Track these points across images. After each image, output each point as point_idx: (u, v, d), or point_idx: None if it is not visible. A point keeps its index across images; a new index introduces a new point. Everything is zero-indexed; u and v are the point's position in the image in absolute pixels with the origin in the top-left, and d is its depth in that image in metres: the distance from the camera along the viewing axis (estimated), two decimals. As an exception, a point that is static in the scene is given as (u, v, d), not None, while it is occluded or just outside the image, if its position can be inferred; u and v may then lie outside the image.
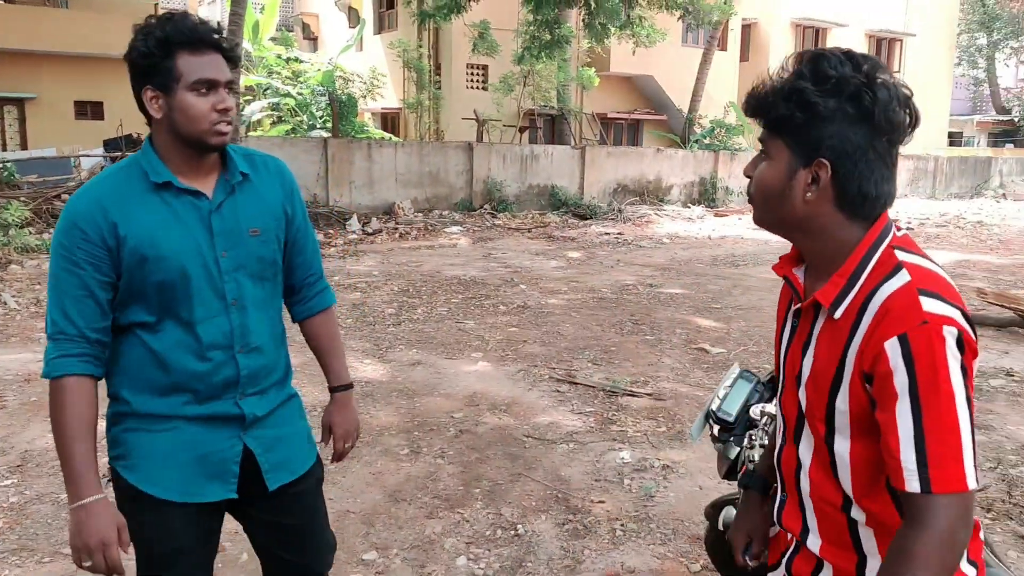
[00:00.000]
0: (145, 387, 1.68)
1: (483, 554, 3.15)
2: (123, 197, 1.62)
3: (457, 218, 15.75)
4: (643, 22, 17.46)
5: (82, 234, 1.58)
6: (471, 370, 5.71)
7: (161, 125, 1.63)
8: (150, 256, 1.61)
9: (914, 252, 1.23)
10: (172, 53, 1.57)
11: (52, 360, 1.59)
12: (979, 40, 39.67)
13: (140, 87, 1.62)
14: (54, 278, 1.61)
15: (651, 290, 8.94)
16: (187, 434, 1.69)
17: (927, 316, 1.12)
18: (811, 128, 1.19)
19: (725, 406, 2.01)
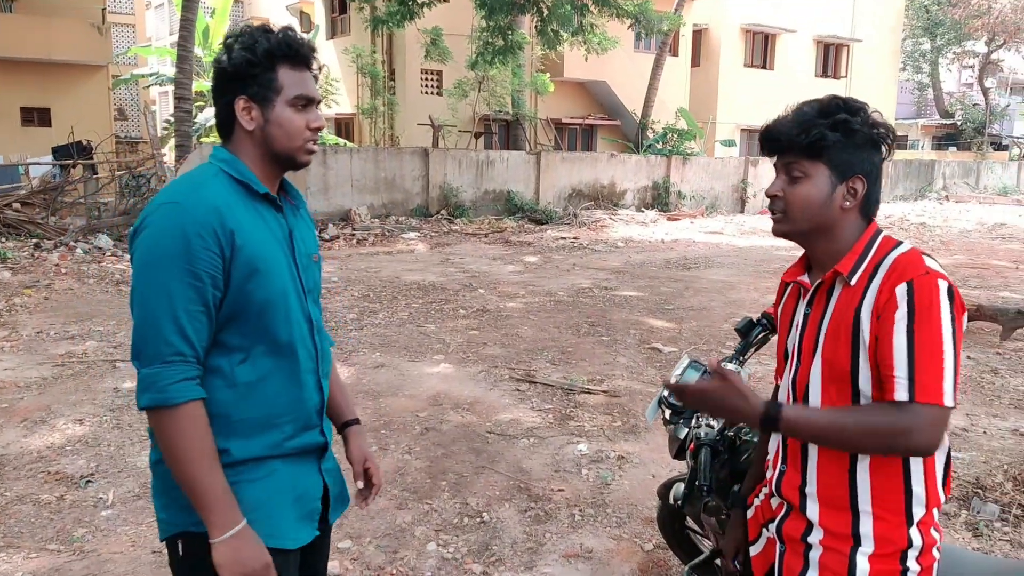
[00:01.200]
0: (240, 428, 1.53)
1: (451, 540, 3.36)
2: (232, 204, 1.52)
3: (414, 224, 15.90)
4: (595, 29, 17.84)
5: (202, 241, 1.45)
6: (434, 371, 5.91)
7: (250, 137, 1.57)
8: (260, 270, 1.52)
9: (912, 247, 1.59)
10: (275, 65, 1.54)
11: (172, 385, 1.42)
12: (923, 45, 41.08)
13: (232, 95, 1.55)
14: (165, 292, 1.43)
15: (606, 293, 9.24)
16: (284, 476, 1.59)
17: (928, 269, 1.46)
18: (848, 152, 1.54)
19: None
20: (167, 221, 1.46)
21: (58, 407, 4.92)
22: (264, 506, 1.55)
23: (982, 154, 34.43)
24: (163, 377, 1.42)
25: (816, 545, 1.57)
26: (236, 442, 1.53)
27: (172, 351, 1.43)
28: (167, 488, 1.53)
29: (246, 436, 1.54)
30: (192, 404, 1.44)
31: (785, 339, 1.73)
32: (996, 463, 4.19)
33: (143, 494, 3.70)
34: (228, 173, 1.56)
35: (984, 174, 29.62)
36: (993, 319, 7.03)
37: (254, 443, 1.55)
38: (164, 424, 1.44)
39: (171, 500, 1.52)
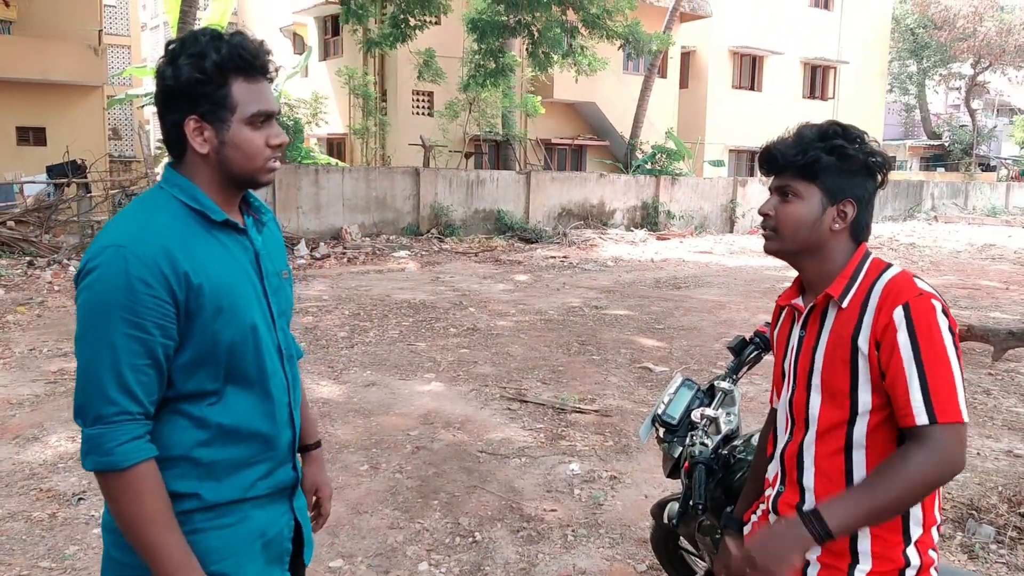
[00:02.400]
0: (212, 471, 1.43)
1: (443, 560, 3.34)
2: (185, 238, 1.37)
3: (405, 242, 15.93)
4: (584, 51, 18.01)
5: (147, 288, 1.31)
6: (424, 390, 5.90)
7: (204, 160, 1.41)
8: (225, 307, 1.39)
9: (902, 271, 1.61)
10: (228, 80, 1.37)
11: (119, 447, 1.31)
12: (909, 67, 41.55)
13: (180, 116, 1.39)
14: (107, 346, 1.31)
15: (596, 312, 9.26)
16: (255, 520, 1.50)
17: (921, 291, 1.50)
18: (841, 177, 1.59)
19: (669, 410, 2.28)
20: (110, 268, 1.31)
21: (51, 424, 4.88)
22: (234, 555, 1.46)
23: (970, 175, 34.79)
24: (108, 438, 1.30)
25: (814, 562, 1.58)
26: (208, 485, 1.43)
27: (117, 410, 1.31)
28: (122, 561, 1.42)
29: (218, 479, 1.43)
30: (143, 465, 1.33)
31: (781, 362, 1.75)
32: (990, 484, 4.21)
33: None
34: (181, 200, 1.41)
35: (972, 195, 29.93)
36: (984, 339, 7.08)
37: (226, 486, 1.45)
38: (114, 488, 1.33)
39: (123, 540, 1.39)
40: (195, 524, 1.42)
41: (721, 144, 26.47)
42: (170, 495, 1.39)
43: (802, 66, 28.53)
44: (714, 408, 2.29)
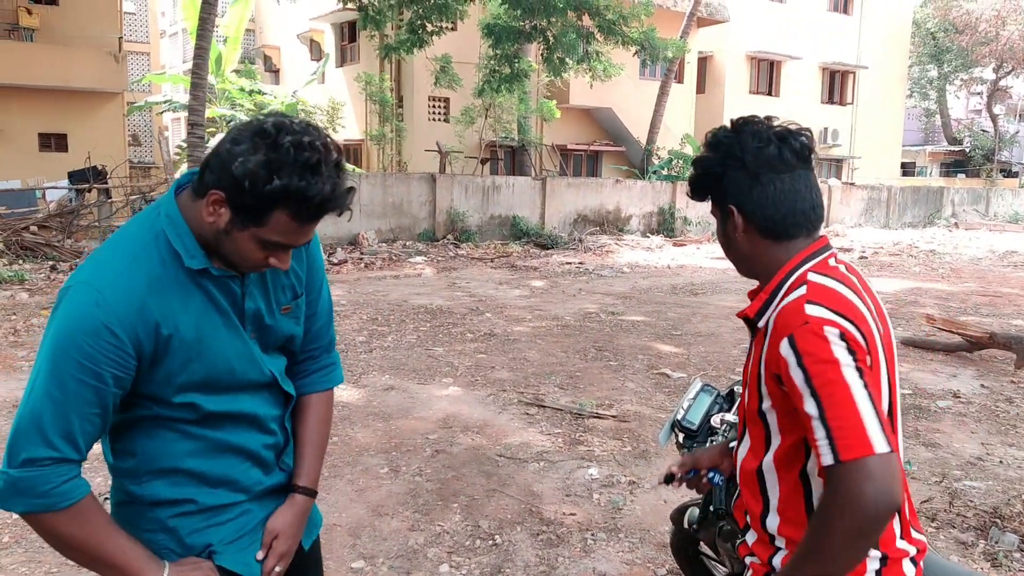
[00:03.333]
0: (204, 480, 1.47)
1: (464, 562, 3.36)
2: (162, 287, 1.35)
3: (421, 248, 16.00)
4: (600, 57, 18.03)
5: (114, 339, 1.29)
6: (443, 394, 5.93)
7: (202, 219, 1.35)
8: (194, 356, 1.38)
9: (827, 274, 1.45)
10: (273, 208, 1.30)
11: (56, 489, 1.28)
12: (930, 72, 41.23)
13: (212, 179, 1.32)
14: (58, 387, 1.27)
15: (613, 318, 9.26)
16: (255, 513, 1.55)
17: (808, 318, 1.35)
18: (717, 186, 1.54)
19: (689, 416, 2.28)
20: (81, 310, 1.29)
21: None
22: (236, 541, 1.50)
23: (991, 181, 34.44)
24: (41, 482, 1.27)
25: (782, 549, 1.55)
26: (203, 491, 1.46)
27: (55, 456, 1.28)
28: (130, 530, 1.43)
29: (211, 486, 1.47)
30: (84, 500, 1.32)
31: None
32: (1014, 492, 4.17)
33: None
34: (167, 237, 1.36)
35: (994, 201, 29.59)
36: (1007, 347, 7.01)
37: (221, 492, 1.48)
38: (53, 526, 1.31)
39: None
40: (194, 526, 1.46)
41: (738, 150, 26.39)
42: (165, 503, 1.44)
43: (820, 71, 28.43)
44: (734, 413, 2.30)
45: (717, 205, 1.56)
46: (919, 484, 4.31)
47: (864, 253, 17.80)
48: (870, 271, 14.79)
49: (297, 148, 1.26)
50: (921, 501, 4.03)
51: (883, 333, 1.45)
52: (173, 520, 1.46)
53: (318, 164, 1.28)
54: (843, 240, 20.72)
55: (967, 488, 4.26)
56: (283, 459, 1.61)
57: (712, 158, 1.53)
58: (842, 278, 1.46)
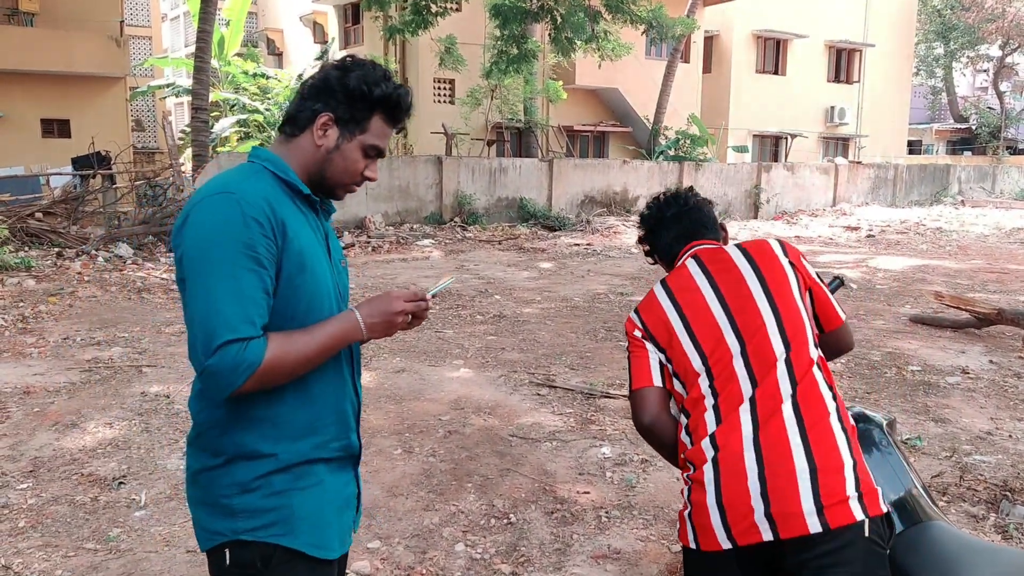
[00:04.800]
0: (287, 431, 1.52)
1: (479, 541, 3.39)
2: (279, 200, 1.50)
3: (428, 231, 15.98)
4: (608, 36, 17.89)
5: (260, 227, 1.42)
6: (454, 376, 5.94)
7: (312, 150, 1.56)
8: (308, 265, 1.50)
9: (664, 279, 2.00)
10: (375, 111, 1.56)
11: (243, 354, 1.38)
12: (936, 50, 40.84)
13: (321, 107, 1.54)
14: (230, 278, 1.39)
15: (622, 298, 9.26)
16: (330, 485, 1.58)
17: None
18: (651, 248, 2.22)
19: None
20: (222, 209, 1.42)
21: (88, 411, 4.98)
22: (313, 516, 1.54)
23: (998, 158, 34.19)
24: (238, 360, 1.37)
25: None
26: (284, 445, 1.51)
27: (241, 336, 1.38)
28: (210, 498, 1.51)
29: (293, 439, 1.52)
30: (271, 348, 1.41)
31: None
32: (1023, 466, 4.19)
33: (174, 495, 3.75)
34: (272, 172, 1.54)
35: (1000, 178, 29.39)
36: (1015, 323, 6.99)
37: (302, 445, 1.53)
38: (266, 378, 1.42)
39: (216, 510, 1.50)
40: (274, 487, 1.50)
41: (745, 129, 26.25)
42: (249, 455, 1.49)
43: (827, 49, 28.18)
44: None
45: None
46: (930, 459, 4.32)
47: (871, 231, 17.72)
48: (878, 249, 14.74)
49: (377, 67, 1.57)
50: (932, 476, 4.04)
51: (695, 312, 1.87)
52: (255, 481, 1.49)
53: (390, 75, 1.58)
54: (850, 219, 20.62)
55: (977, 462, 4.27)
56: (359, 425, 1.69)
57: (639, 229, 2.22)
58: (671, 280, 1.96)
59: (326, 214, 1.67)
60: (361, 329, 1.54)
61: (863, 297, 9.49)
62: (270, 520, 1.49)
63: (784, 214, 21.62)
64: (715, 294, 1.88)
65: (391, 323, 1.56)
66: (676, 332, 1.87)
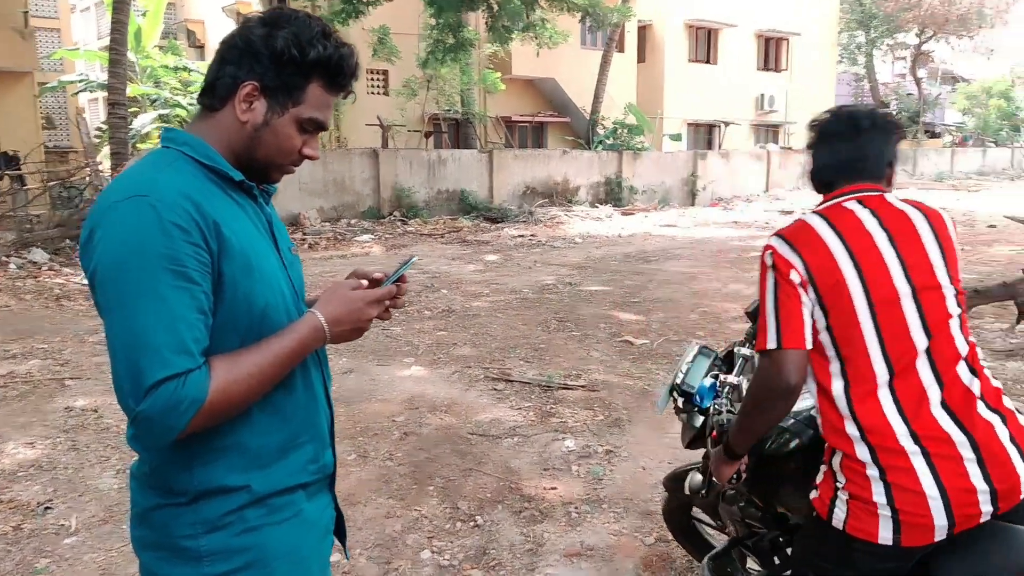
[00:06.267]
0: (259, 457, 1.29)
1: (446, 546, 3.21)
2: (207, 193, 1.24)
3: (367, 226, 15.61)
4: (545, 24, 17.77)
5: (184, 234, 1.16)
6: (405, 375, 5.73)
7: (237, 127, 1.30)
8: (255, 266, 1.26)
9: (818, 211, 1.77)
10: (311, 77, 1.30)
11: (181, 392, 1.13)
12: (858, 38, 42.06)
13: (243, 75, 1.27)
14: (156, 301, 1.13)
15: (571, 288, 9.16)
16: (308, 514, 1.37)
17: (765, 245, 1.75)
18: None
19: (688, 379, 2.17)
20: (134, 217, 1.15)
21: (5, 431, 4.59)
22: (292, 552, 1.34)
23: (917, 142, 35.46)
24: (175, 400, 1.13)
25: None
26: (257, 475, 1.29)
27: (176, 370, 1.13)
28: (167, 540, 1.27)
29: (266, 466, 1.30)
30: (216, 378, 1.18)
31: None
32: None
33: (109, 518, 3.45)
34: (192, 157, 1.27)
35: (920, 161, 30.51)
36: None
37: (276, 473, 1.32)
38: (215, 414, 1.18)
39: (175, 554, 1.26)
40: (248, 522, 1.28)
41: (680, 118, 26.51)
42: (216, 491, 1.26)
43: (756, 38, 28.67)
44: (736, 375, 2.19)
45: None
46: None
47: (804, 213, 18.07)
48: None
49: (311, 22, 1.29)
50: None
51: (870, 267, 1.65)
52: (224, 518, 1.26)
53: (331, 32, 1.31)
54: (783, 203, 21.05)
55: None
56: (334, 440, 1.48)
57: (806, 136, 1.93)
58: (832, 215, 1.72)
59: (266, 197, 1.42)
60: (325, 336, 1.31)
61: (805, 279, 9.60)
62: (243, 562, 1.27)
63: (720, 200, 21.92)
64: (893, 250, 1.66)
65: (360, 329, 1.35)
66: (848, 285, 1.62)
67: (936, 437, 1.56)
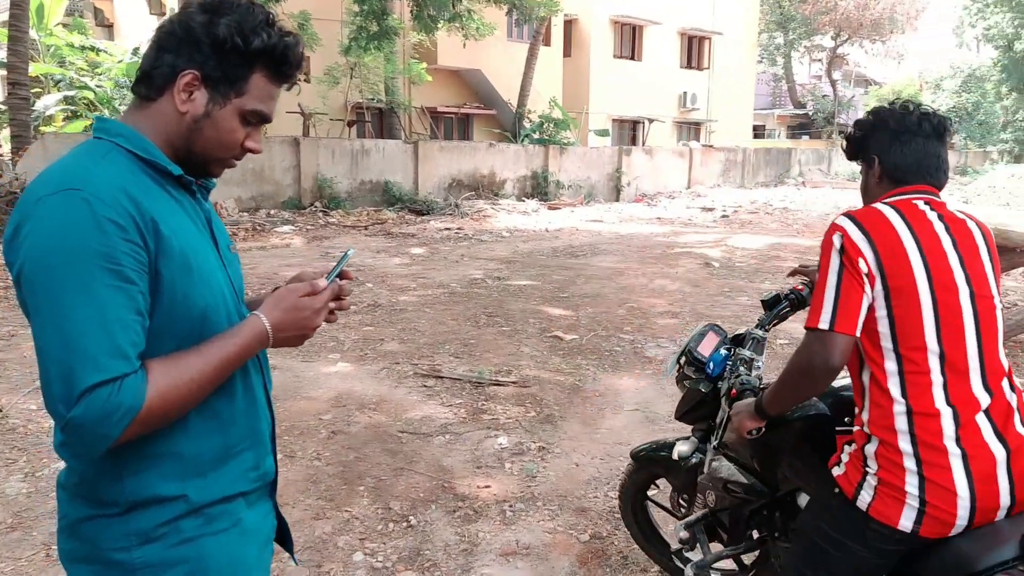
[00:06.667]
0: (196, 465, 1.24)
1: (379, 548, 3.14)
2: (143, 188, 1.18)
3: (287, 217, 15.21)
4: (472, 15, 17.65)
5: (120, 231, 1.10)
6: (331, 371, 5.60)
7: (174, 118, 1.24)
8: (194, 267, 1.20)
9: (891, 204, 1.78)
10: (254, 67, 1.25)
11: (117, 397, 1.07)
12: (777, 39, 43.51)
13: (181, 63, 1.22)
14: (88, 303, 1.07)
15: (499, 283, 9.14)
16: (248, 523, 1.33)
17: (831, 224, 1.76)
18: (861, 143, 1.93)
19: (700, 348, 2.32)
20: (66, 212, 1.08)
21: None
22: (232, 564, 1.29)
23: (832, 142, 36.88)
24: (110, 407, 1.07)
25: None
26: (193, 484, 1.24)
27: (111, 374, 1.07)
28: (98, 552, 1.21)
29: (203, 475, 1.25)
30: (154, 382, 1.12)
31: None
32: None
33: (17, 525, 3.24)
34: (128, 150, 1.21)
35: (835, 160, 31.73)
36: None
37: (214, 482, 1.26)
38: (152, 421, 1.12)
39: (106, 568, 1.21)
40: (184, 533, 1.23)
41: (605, 113, 26.81)
42: (150, 500, 1.20)
43: (679, 36, 29.22)
44: (748, 351, 2.29)
45: (864, 161, 1.92)
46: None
47: (726, 212, 18.58)
48: (733, 229, 15.45)
49: (255, 9, 1.24)
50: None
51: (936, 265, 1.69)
52: (159, 529, 1.21)
53: (274, 20, 1.26)
54: (705, 200, 21.55)
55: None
56: (275, 446, 1.42)
57: (865, 120, 1.93)
58: (905, 210, 1.75)
59: (204, 192, 1.35)
60: (268, 341, 1.26)
61: (726, 275, 9.85)
62: (180, 575, 1.22)
63: (644, 196, 22.29)
64: (957, 256, 1.72)
65: (304, 336, 1.30)
66: (916, 282, 1.67)
67: (977, 444, 1.63)
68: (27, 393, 4.85)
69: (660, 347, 6.31)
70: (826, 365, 1.68)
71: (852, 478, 1.73)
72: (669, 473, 2.63)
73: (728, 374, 2.21)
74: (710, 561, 2.40)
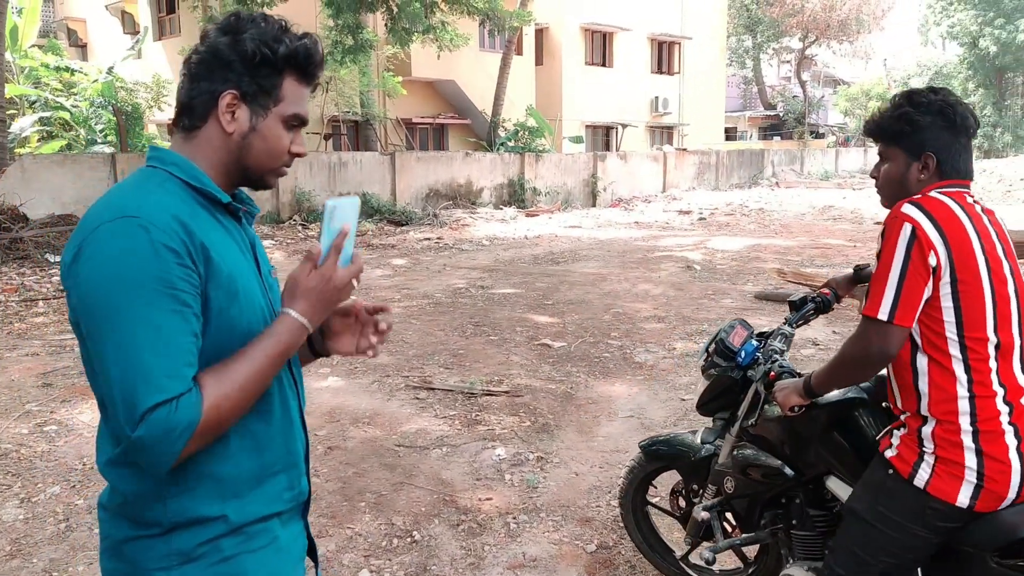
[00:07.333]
0: (234, 486, 1.27)
1: (384, 565, 3.12)
2: (194, 214, 1.22)
3: (266, 231, 15.11)
4: (445, 27, 17.68)
5: (176, 256, 1.14)
6: (322, 386, 5.56)
7: (223, 140, 1.29)
8: (239, 292, 1.24)
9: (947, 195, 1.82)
10: (284, 73, 1.30)
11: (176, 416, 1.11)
12: (746, 42, 44.02)
13: (219, 87, 1.26)
14: (149, 327, 1.11)
15: (484, 292, 9.14)
16: (283, 542, 1.36)
17: (898, 212, 1.78)
18: (915, 136, 1.88)
19: (732, 338, 2.42)
20: (124, 237, 1.13)
21: None
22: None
23: (804, 142, 37.31)
24: (170, 425, 1.10)
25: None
26: (232, 504, 1.26)
27: (170, 397, 1.11)
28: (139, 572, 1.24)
29: (241, 495, 1.28)
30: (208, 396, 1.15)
31: None
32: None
33: (17, 552, 3.19)
34: (181, 179, 1.26)
35: (807, 161, 32.11)
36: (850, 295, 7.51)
37: (251, 502, 1.29)
38: (211, 431, 1.16)
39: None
40: (224, 552, 1.26)
41: (578, 120, 26.94)
42: (194, 521, 1.24)
43: (649, 42, 29.47)
44: (779, 344, 2.40)
45: (905, 149, 1.89)
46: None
47: (702, 214, 18.73)
48: (711, 231, 15.57)
49: (269, 20, 1.29)
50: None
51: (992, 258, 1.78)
52: (199, 548, 1.23)
53: (288, 26, 1.32)
54: (681, 203, 21.71)
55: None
56: (308, 466, 1.45)
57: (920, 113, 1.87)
58: (961, 201, 1.81)
59: (249, 218, 1.40)
60: (305, 328, 1.28)
61: (708, 277, 9.93)
62: None
63: (620, 201, 22.41)
64: (1001, 248, 1.83)
65: (340, 299, 1.34)
66: (980, 274, 1.76)
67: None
68: (17, 417, 4.78)
69: (649, 352, 6.35)
70: (883, 354, 1.78)
71: (907, 458, 1.81)
72: (677, 462, 2.72)
73: (763, 361, 2.33)
74: (724, 547, 2.48)
